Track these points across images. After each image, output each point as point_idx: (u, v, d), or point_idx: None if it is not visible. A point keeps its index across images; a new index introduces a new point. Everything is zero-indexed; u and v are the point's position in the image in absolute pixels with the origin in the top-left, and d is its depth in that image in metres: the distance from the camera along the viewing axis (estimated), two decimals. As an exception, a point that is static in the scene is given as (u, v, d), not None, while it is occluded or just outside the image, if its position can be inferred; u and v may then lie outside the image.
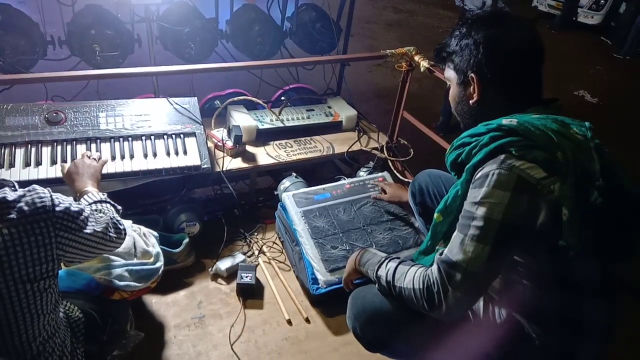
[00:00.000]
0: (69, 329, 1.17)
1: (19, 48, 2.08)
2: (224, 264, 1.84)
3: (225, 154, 2.08)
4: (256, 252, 1.99)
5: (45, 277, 0.96)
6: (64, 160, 1.75)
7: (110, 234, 1.16)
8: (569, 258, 1.01)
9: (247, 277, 1.77)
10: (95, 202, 1.28)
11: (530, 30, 1.10)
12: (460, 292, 1.01)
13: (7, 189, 0.92)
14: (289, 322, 1.70)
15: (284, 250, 2.00)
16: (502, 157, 0.99)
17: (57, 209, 0.97)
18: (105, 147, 1.83)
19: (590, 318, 1.07)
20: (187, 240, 1.84)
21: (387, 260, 1.24)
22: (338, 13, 2.72)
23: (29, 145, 1.76)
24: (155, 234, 1.66)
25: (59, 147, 1.78)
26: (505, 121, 1.02)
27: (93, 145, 1.82)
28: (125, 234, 1.26)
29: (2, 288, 0.89)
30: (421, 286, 1.07)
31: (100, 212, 1.20)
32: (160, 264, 1.54)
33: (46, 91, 2.18)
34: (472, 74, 1.10)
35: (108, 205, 1.31)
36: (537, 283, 1.08)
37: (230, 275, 1.84)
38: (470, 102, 1.13)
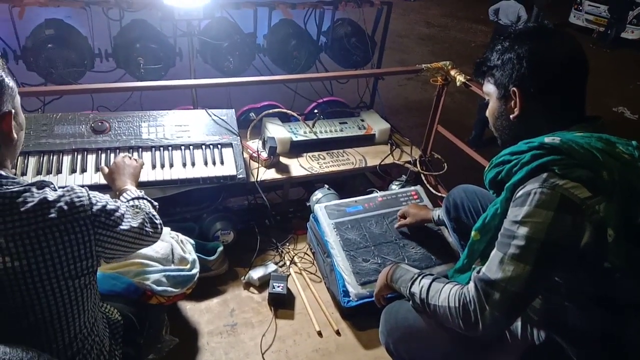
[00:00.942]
0: (107, 330, 1.21)
1: (69, 60, 2.20)
2: (256, 273, 1.86)
3: (259, 165, 2.12)
4: (288, 263, 2.00)
5: (86, 274, 0.99)
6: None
7: (147, 228, 1.18)
8: (614, 279, 0.97)
9: (278, 287, 1.79)
10: (132, 199, 1.32)
11: (574, 45, 1.09)
12: (498, 311, 0.99)
13: (47, 189, 0.95)
14: (320, 333, 1.70)
15: (315, 262, 2.01)
16: (544, 175, 0.97)
17: (95, 207, 0.99)
18: (147, 155, 1.90)
19: (632, 339, 1.04)
20: (221, 248, 1.88)
21: (420, 277, 1.22)
22: (373, 27, 2.75)
23: (76, 153, 1.85)
24: (192, 241, 1.70)
25: (103, 155, 1.86)
26: (547, 139, 1.00)
27: (135, 154, 1.89)
28: (162, 228, 1.27)
29: (46, 285, 0.92)
30: (457, 304, 1.05)
31: (136, 208, 1.23)
32: (196, 270, 1.58)
33: (92, 101, 2.29)
34: (514, 88, 1.09)
35: (144, 201, 1.33)
36: (579, 304, 1.05)
37: (262, 284, 1.86)
38: (511, 116, 1.12)
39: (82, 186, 1.02)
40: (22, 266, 0.89)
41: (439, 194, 2.19)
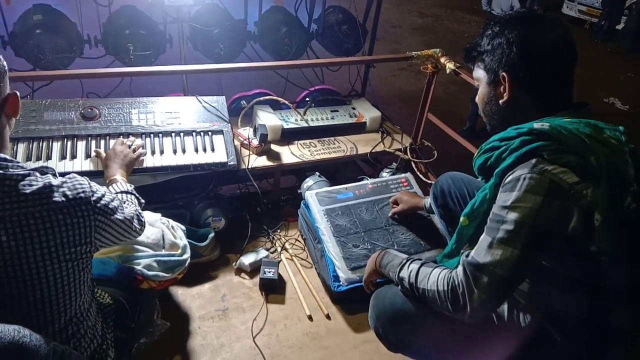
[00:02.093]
0: (99, 314, 1.22)
1: (58, 46, 2.18)
2: (247, 259, 1.87)
3: (250, 152, 2.13)
4: (279, 249, 2.02)
5: (83, 258, 1.02)
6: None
7: (135, 224, 1.21)
8: (600, 264, 0.99)
9: (269, 272, 1.80)
10: (121, 192, 1.34)
11: (564, 31, 1.09)
12: (486, 294, 1.01)
13: (49, 175, 0.98)
14: (310, 317, 1.72)
15: (306, 248, 2.03)
16: (533, 161, 0.98)
17: (95, 195, 1.03)
18: (137, 142, 1.89)
19: (616, 324, 1.06)
20: (212, 234, 1.89)
21: (409, 262, 1.24)
22: (364, 15, 2.75)
23: (65, 139, 1.83)
24: (183, 227, 1.70)
25: (93, 142, 1.85)
26: (536, 125, 1.01)
27: (128, 140, 1.88)
28: (143, 229, 1.30)
29: (47, 266, 0.94)
30: (446, 288, 1.07)
31: (126, 203, 1.26)
32: (187, 255, 1.59)
33: (82, 88, 2.27)
34: (504, 73, 1.10)
35: (132, 197, 1.36)
36: (565, 288, 1.07)
37: (254, 270, 1.87)
38: (500, 101, 1.13)
39: (73, 173, 1.04)
40: (26, 245, 0.91)
41: (429, 182, 2.21)
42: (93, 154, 1.79)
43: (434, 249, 1.88)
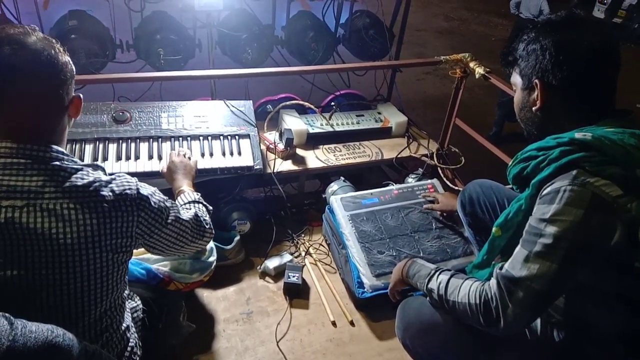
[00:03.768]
0: (129, 314, 1.25)
1: (91, 51, 2.24)
2: (272, 263, 1.88)
3: (276, 157, 2.14)
4: (303, 254, 2.02)
5: (123, 251, 1.06)
6: (127, 158, 1.86)
7: (190, 230, 1.22)
8: None
9: (294, 277, 1.80)
10: (189, 202, 1.36)
11: (604, 36, 1.05)
12: (521, 309, 0.98)
13: (100, 171, 1.05)
14: (334, 323, 1.71)
15: (330, 253, 2.02)
16: (574, 172, 0.95)
17: (141, 191, 1.08)
18: (166, 146, 1.93)
19: None
20: (238, 238, 1.90)
21: (438, 273, 1.22)
22: (392, 19, 2.73)
23: (97, 142, 1.88)
24: (209, 230, 1.72)
25: (124, 145, 1.90)
26: (578, 135, 0.98)
27: (155, 144, 1.92)
28: (211, 235, 1.31)
29: (89, 254, 0.99)
30: (478, 301, 1.04)
31: (189, 211, 1.27)
32: (213, 258, 1.61)
33: (114, 92, 2.33)
34: (536, 80, 1.08)
35: (200, 205, 1.38)
36: (602, 303, 1.04)
37: (278, 274, 1.88)
38: (534, 109, 1.11)
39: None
40: (72, 233, 0.96)
41: (456, 188, 2.17)
42: (123, 159, 1.83)
43: (461, 257, 1.85)
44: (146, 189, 1.11)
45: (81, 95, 1.08)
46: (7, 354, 0.76)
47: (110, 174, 1.07)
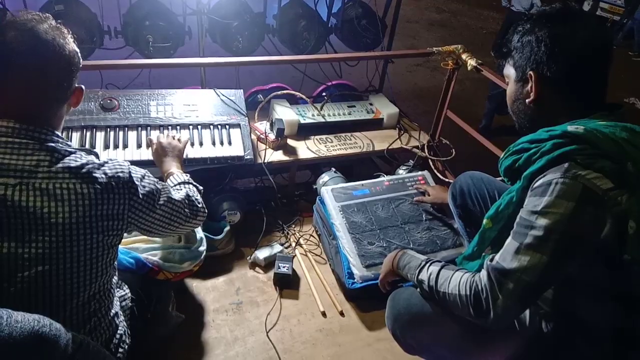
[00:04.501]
0: (118, 302, 1.23)
1: (78, 37, 2.13)
2: (262, 254, 1.87)
3: (267, 147, 2.12)
4: (293, 244, 2.01)
5: (113, 234, 1.07)
6: (115, 146, 1.83)
7: (184, 209, 1.25)
8: (631, 273, 0.97)
9: (284, 267, 1.80)
10: (179, 184, 1.37)
11: (597, 29, 1.05)
12: (511, 300, 0.99)
13: (93, 156, 1.06)
14: (324, 314, 1.72)
15: (320, 244, 2.02)
16: (566, 165, 0.95)
17: (132, 174, 1.10)
18: (155, 134, 1.90)
19: None
20: (228, 228, 1.89)
21: (428, 264, 1.22)
22: (384, 10, 2.71)
23: (85, 130, 1.85)
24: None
25: (112, 133, 1.86)
26: (570, 128, 0.98)
27: (144, 132, 1.89)
28: (204, 215, 1.34)
29: (80, 235, 1.00)
30: (468, 292, 1.05)
31: (180, 192, 1.30)
32: (203, 248, 1.59)
33: (101, 79, 2.28)
34: (531, 72, 1.07)
35: (190, 186, 1.40)
36: (591, 295, 1.05)
37: (268, 264, 1.87)
38: (527, 101, 1.11)
39: None
40: (64, 213, 0.98)
41: (447, 180, 2.18)
42: (111, 148, 1.81)
43: (450, 249, 1.86)
44: (137, 172, 1.13)
45: (83, 87, 1.11)
46: None
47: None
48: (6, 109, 0.99)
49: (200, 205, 1.33)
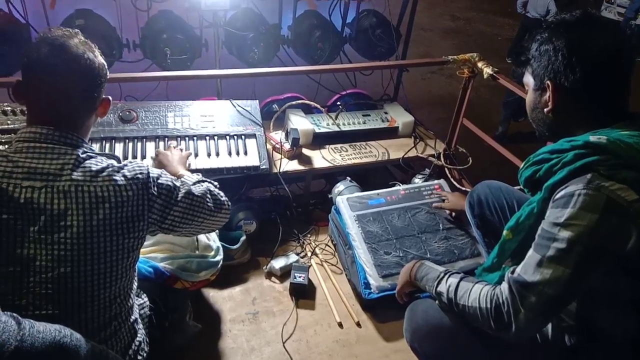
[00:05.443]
0: (137, 309, 1.25)
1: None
2: (278, 263, 1.87)
3: (282, 156, 2.13)
4: (309, 254, 2.01)
5: (134, 236, 1.09)
6: (134, 157, 1.86)
7: (208, 202, 1.24)
8: None
9: (300, 277, 1.80)
10: (197, 182, 1.35)
11: (618, 37, 1.03)
12: (533, 314, 0.97)
13: (114, 160, 1.10)
14: (340, 324, 1.70)
15: (336, 253, 2.01)
16: (588, 176, 0.93)
17: (151, 175, 1.12)
18: (172, 143, 1.92)
19: None
20: (244, 237, 1.90)
21: (447, 276, 1.21)
22: (398, 19, 2.72)
23: (104, 141, 1.88)
24: (215, 229, 1.72)
25: (130, 144, 1.89)
26: (593, 138, 0.96)
27: (161, 143, 1.92)
28: (228, 207, 1.33)
29: (100, 236, 1.02)
30: (489, 305, 1.03)
31: (200, 187, 1.29)
32: (220, 257, 1.60)
33: (120, 91, 2.33)
34: (548, 81, 1.06)
35: (205, 182, 1.38)
36: (615, 309, 1.02)
37: (284, 274, 1.87)
38: (545, 110, 1.09)
39: None
40: (84, 215, 1.00)
41: (463, 189, 2.16)
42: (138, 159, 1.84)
43: (468, 258, 1.83)
44: (155, 172, 1.15)
45: (110, 98, 1.16)
46: (15, 354, 0.76)
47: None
48: (39, 117, 1.05)
49: (224, 199, 1.32)
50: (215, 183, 1.41)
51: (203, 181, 1.40)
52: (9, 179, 0.98)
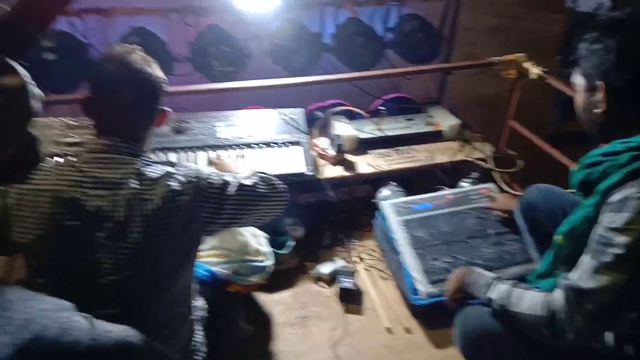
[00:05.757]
0: (195, 311, 1.31)
1: (152, 65, 2.36)
2: (325, 268, 1.90)
3: (327, 163, 2.16)
4: (355, 259, 2.02)
5: (191, 239, 1.14)
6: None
7: (259, 189, 1.26)
8: None
9: (347, 282, 1.81)
10: (250, 176, 1.37)
11: None
12: (589, 321, 0.95)
13: (170, 167, 1.15)
14: (389, 330, 1.70)
15: (383, 259, 2.01)
16: None
17: (203, 174, 1.17)
18: (222, 154, 2.00)
19: None
20: (292, 243, 1.94)
21: (497, 282, 1.19)
22: (441, 21, 2.69)
23: (159, 152, 1.98)
24: (265, 234, 1.77)
25: (183, 154, 1.99)
26: None
27: (212, 152, 2.00)
28: (284, 190, 1.33)
29: (160, 240, 1.07)
30: (543, 313, 1.02)
31: (252, 178, 1.31)
32: (270, 262, 1.65)
33: (172, 102, 2.44)
34: (599, 81, 1.03)
35: (258, 174, 1.39)
36: None
37: (331, 279, 1.90)
38: (597, 111, 1.06)
39: None
40: (147, 219, 1.05)
41: (514, 193, 2.10)
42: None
43: (521, 264, 1.78)
44: (206, 172, 1.20)
45: (168, 109, 1.22)
46: (88, 350, 0.82)
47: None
48: (104, 129, 1.12)
49: (275, 182, 1.32)
50: (268, 172, 1.41)
51: (255, 172, 1.40)
52: (78, 187, 1.05)
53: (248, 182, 1.26)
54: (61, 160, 1.13)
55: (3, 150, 0.64)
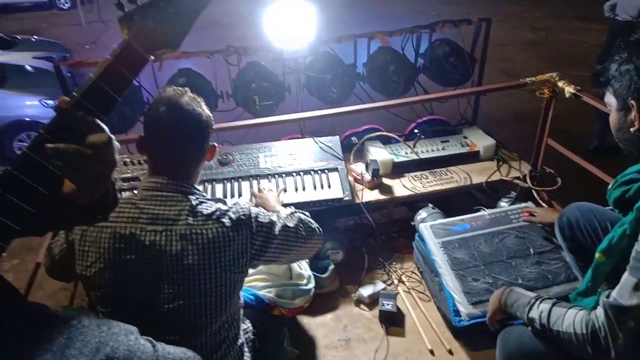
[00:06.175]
0: (243, 334, 1.39)
1: (198, 103, 2.54)
2: (366, 291, 1.95)
3: (363, 187, 2.23)
4: (395, 281, 2.06)
5: (239, 271, 1.22)
6: (232, 196, 2.08)
7: (301, 231, 1.35)
8: None
9: (388, 304, 1.85)
10: (290, 214, 1.48)
11: None
12: (632, 339, 0.95)
13: (220, 203, 1.22)
14: (432, 352, 1.72)
15: (423, 281, 2.04)
16: None
17: (253, 213, 1.25)
18: (264, 183, 2.12)
19: None
20: (332, 266, 2.01)
21: (538, 302, 1.20)
22: (472, 44, 2.74)
23: (205, 183, 2.13)
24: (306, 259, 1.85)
25: (228, 184, 2.12)
26: None
27: (254, 182, 2.12)
28: (320, 234, 1.44)
29: (212, 273, 1.15)
30: (585, 331, 1.03)
31: (292, 219, 1.42)
32: (312, 285, 1.72)
33: (217, 137, 2.61)
34: (632, 101, 1.05)
35: (298, 213, 1.51)
36: None
37: (372, 302, 1.94)
38: (632, 130, 1.08)
39: None
40: (203, 256, 1.13)
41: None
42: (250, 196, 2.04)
43: (564, 283, 1.76)
44: (254, 211, 1.28)
45: (216, 144, 1.29)
46: None
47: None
48: (159, 167, 1.20)
49: (314, 226, 1.42)
50: (307, 213, 1.52)
51: (295, 212, 1.52)
52: (135, 223, 1.14)
53: (291, 223, 1.35)
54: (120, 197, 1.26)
55: (92, 197, 0.74)
